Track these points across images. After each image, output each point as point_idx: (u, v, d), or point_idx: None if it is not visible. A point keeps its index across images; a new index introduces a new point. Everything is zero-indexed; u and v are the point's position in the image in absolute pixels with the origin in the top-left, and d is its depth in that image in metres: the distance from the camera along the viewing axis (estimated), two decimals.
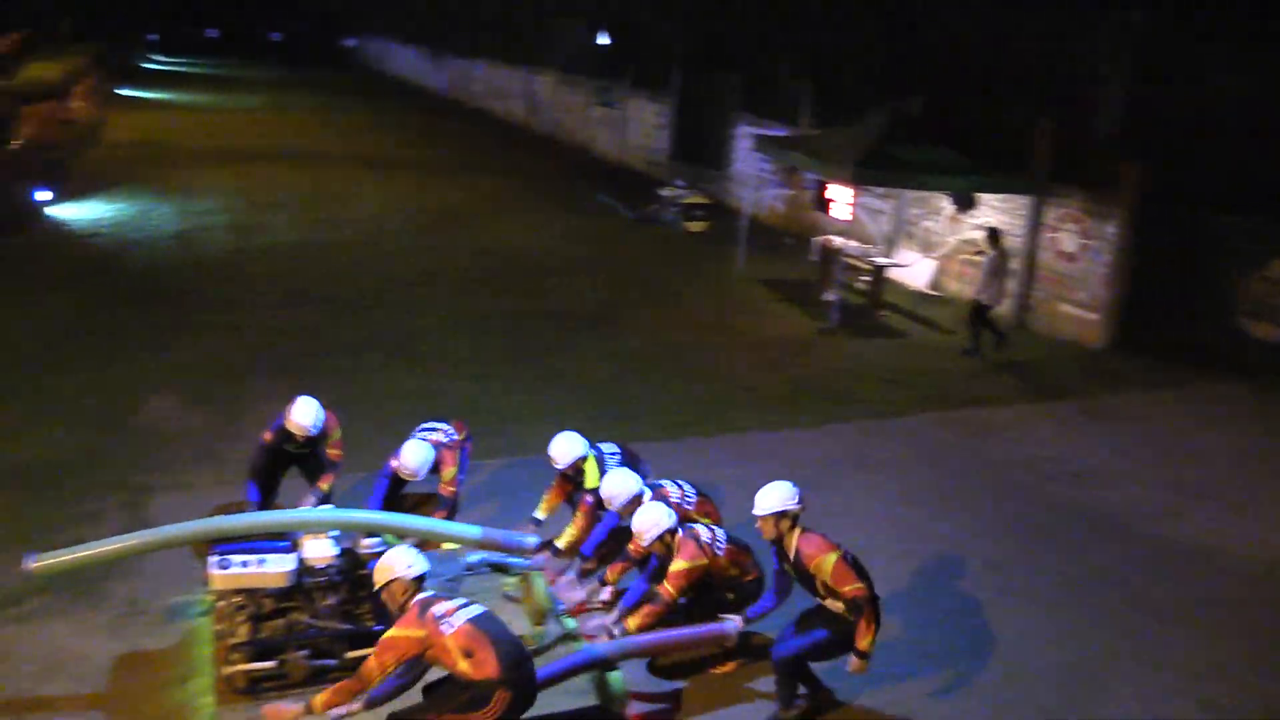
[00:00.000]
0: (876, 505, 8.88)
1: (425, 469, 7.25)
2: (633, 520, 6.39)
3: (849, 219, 15.24)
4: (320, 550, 6.23)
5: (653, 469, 7.53)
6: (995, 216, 14.31)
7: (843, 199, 14.87)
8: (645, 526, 6.28)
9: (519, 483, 8.57)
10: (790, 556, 5.88)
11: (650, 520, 6.29)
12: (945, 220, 15.46)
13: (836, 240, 14.89)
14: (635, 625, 6.16)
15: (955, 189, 14.35)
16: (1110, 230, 13.20)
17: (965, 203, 14.95)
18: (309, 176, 22.53)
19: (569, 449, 7.17)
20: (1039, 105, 14.29)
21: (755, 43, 21.57)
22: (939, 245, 15.60)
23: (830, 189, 15.12)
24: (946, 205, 15.33)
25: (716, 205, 19.70)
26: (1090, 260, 13.46)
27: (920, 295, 15.25)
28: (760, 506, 5.90)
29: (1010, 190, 14.02)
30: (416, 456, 7.21)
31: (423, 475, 7.26)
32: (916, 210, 16.02)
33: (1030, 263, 14.13)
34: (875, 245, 15.72)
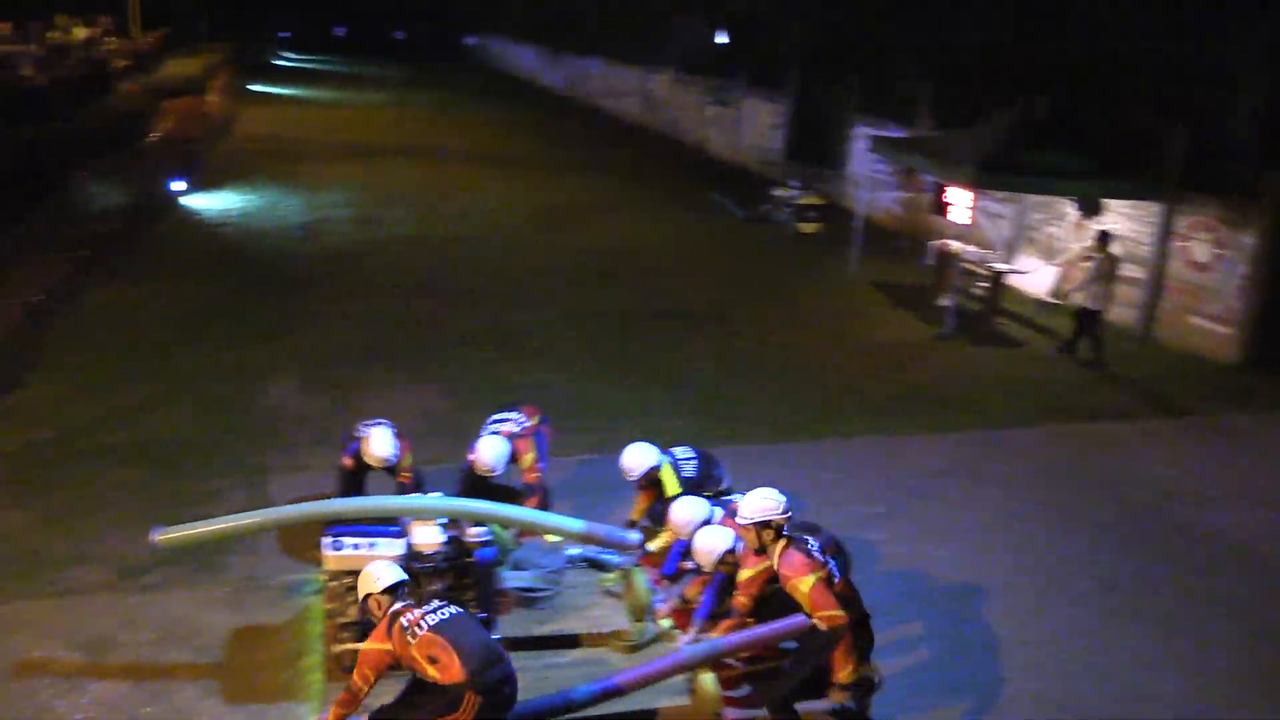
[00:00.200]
0: (987, 518, 8.63)
1: (502, 463, 7.20)
2: (693, 546, 6.25)
3: (968, 223, 14.86)
4: (428, 537, 6.35)
5: (728, 470, 7.40)
6: (1122, 223, 13.78)
7: (962, 202, 14.50)
8: (704, 551, 6.14)
9: (620, 481, 8.58)
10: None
11: (707, 547, 6.13)
12: (1070, 226, 14.96)
13: (954, 244, 14.55)
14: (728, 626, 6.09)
15: (1082, 194, 13.85)
16: (1247, 240, 12.57)
17: (1091, 209, 14.42)
18: (429, 172, 23.06)
19: (640, 460, 7.10)
20: (1171, 110, 13.69)
21: (875, 42, 21.24)
22: (1062, 252, 15.09)
23: (949, 192, 14.76)
24: (1071, 211, 14.82)
25: (830, 206, 19.44)
26: (1224, 271, 12.84)
27: (1040, 303, 14.79)
28: (743, 514, 5.65)
29: (1141, 197, 13.46)
30: (491, 452, 7.17)
31: (500, 470, 7.22)
32: (1039, 215, 15.53)
33: (1159, 272, 13.56)
34: (994, 250, 15.30)
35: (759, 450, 9.47)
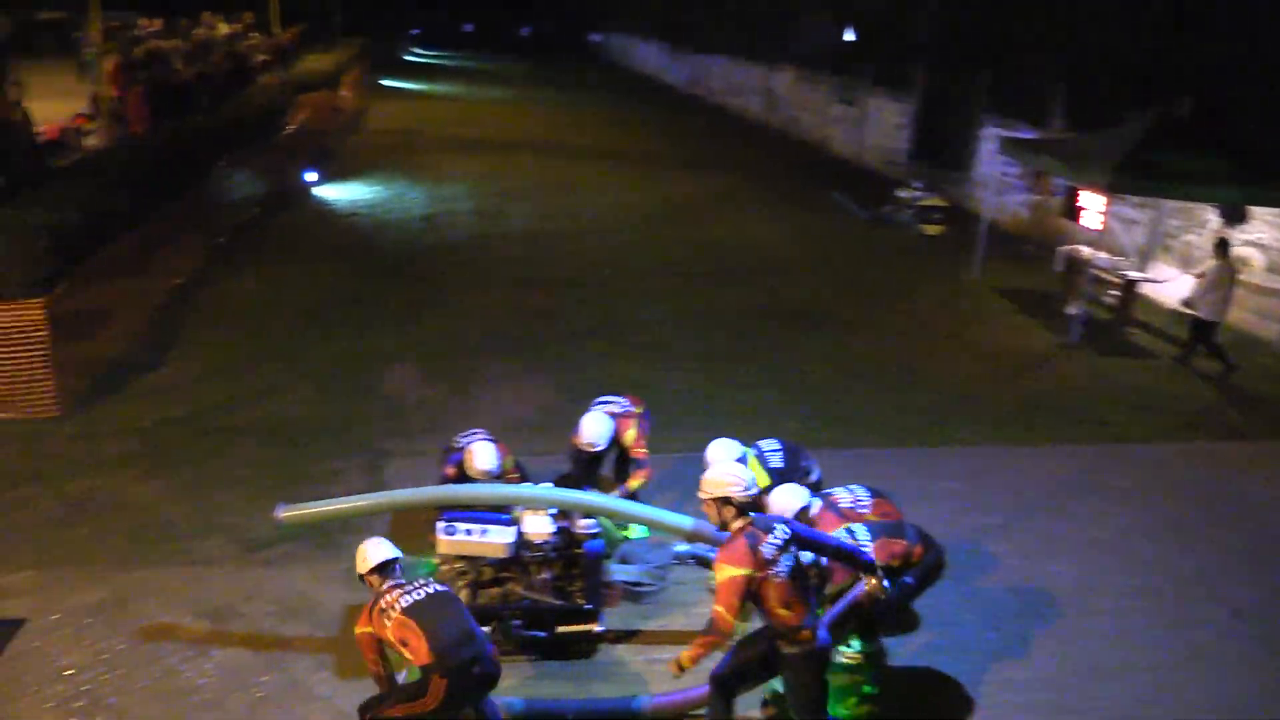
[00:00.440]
0: (1108, 534, 8.29)
1: (604, 439, 7.45)
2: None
3: (1100, 229, 14.30)
4: (539, 526, 6.44)
5: (819, 464, 7.28)
6: (1269, 233, 13.07)
7: (1094, 207, 13.96)
8: (778, 510, 6.24)
9: None
10: None
11: (781, 505, 6.28)
12: (1210, 234, 14.26)
13: (1084, 250, 14.04)
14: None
15: (1227, 201, 13.17)
16: None
17: (1235, 216, 13.73)
18: (550, 167, 23.35)
19: (723, 455, 7.05)
20: None
21: (1006, 40, 20.61)
22: (1201, 261, 14.40)
23: (1081, 196, 14.25)
24: (1213, 218, 14.14)
25: (955, 209, 18.98)
26: None
27: (1175, 314, 14.14)
28: (704, 488, 5.38)
29: None
30: (594, 426, 7.45)
31: (601, 445, 7.46)
32: (1176, 222, 14.85)
33: None
34: (1127, 258, 14.71)
35: (871, 455, 9.31)
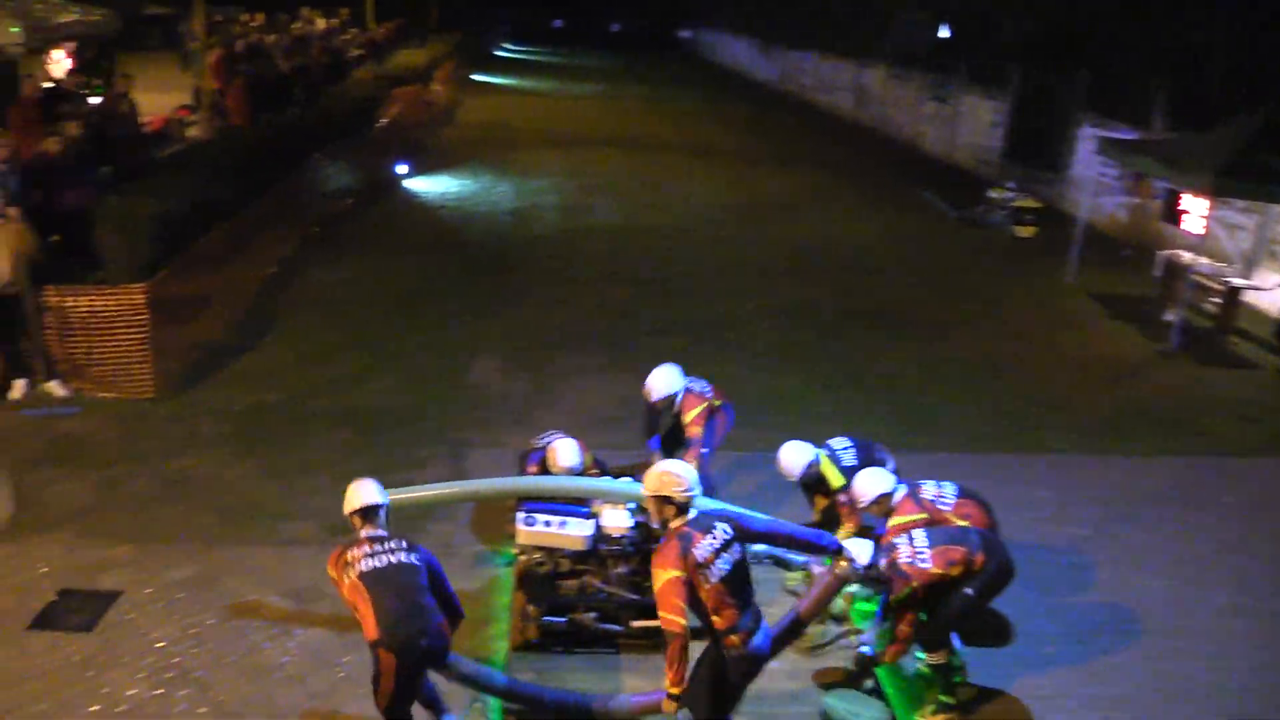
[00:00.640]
0: (1205, 549, 7.99)
1: (659, 393, 7.60)
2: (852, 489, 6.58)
3: (1202, 233, 13.81)
4: (617, 520, 6.47)
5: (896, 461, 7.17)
6: None
7: (1197, 211, 13.49)
8: (859, 493, 6.48)
9: None
10: None
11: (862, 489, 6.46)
12: None
13: (1185, 256, 13.56)
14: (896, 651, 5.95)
15: None
16: None
17: None
18: (636, 162, 23.40)
19: (795, 458, 6.97)
20: None
21: (1106, 37, 20.03)
22: None
23: (1183, 199, 13.78)
24: None
25: (1049, 210, 18.50)
26: None
27: None
28: (645, 485, 5.22)
29: None
30: (656, 376, 7.62)
31: (654, 398, 7.63)
32: None
33: None
34: (1230, 264, 14.17)
35: (955, 459, 9.12)
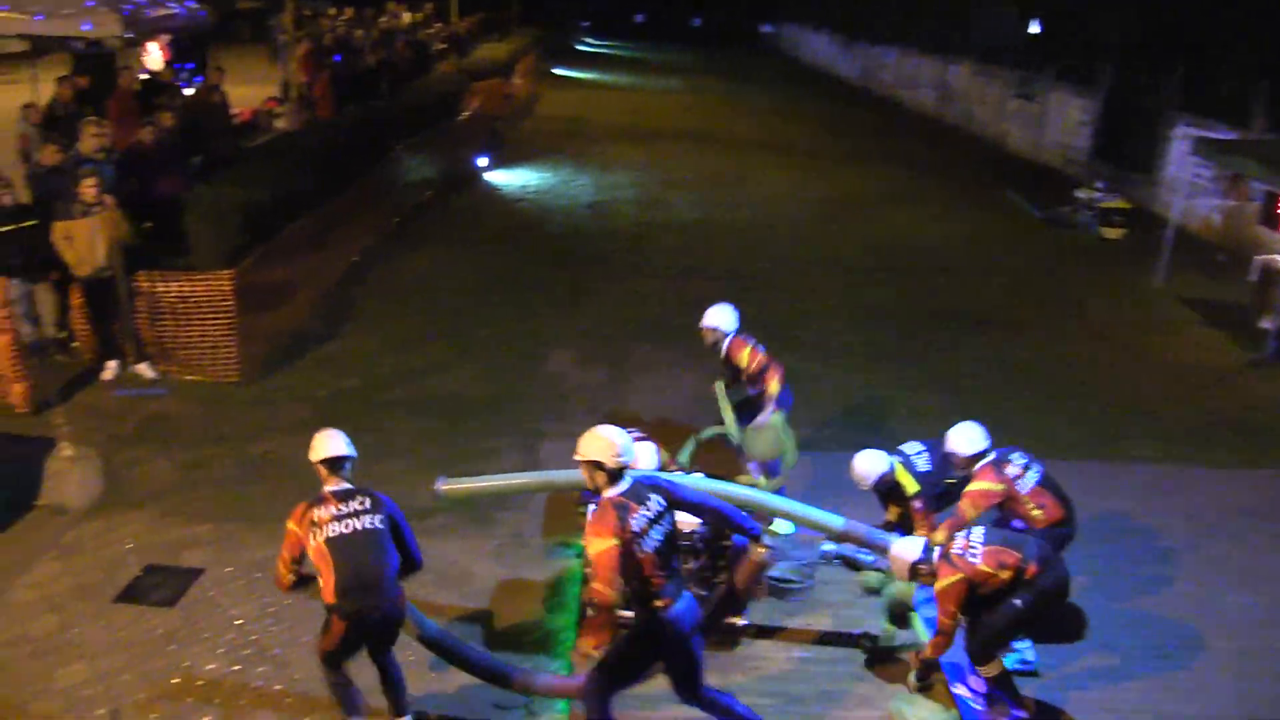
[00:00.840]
0: None
1: (723, 325, 7.85)
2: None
3: None
4: (687, 516, 6.45)
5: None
6: None
7: None
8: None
9: None
10: None
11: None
12: None
13: None
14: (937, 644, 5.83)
15: None
16: None
17: None
18: (715, 158, 23.32)
19: (869, 467, 6.84)
20: None
21: (1202, 34, 19.37)
22: None
23: None
24: None
25: (1139, 211, 17.99)
26: None
27: None
28: (579, 449, 5.05)
29: None
30: (715, 310, 7.92)
31: (709, 324, 7.85)
32: None
33: None
34: None
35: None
